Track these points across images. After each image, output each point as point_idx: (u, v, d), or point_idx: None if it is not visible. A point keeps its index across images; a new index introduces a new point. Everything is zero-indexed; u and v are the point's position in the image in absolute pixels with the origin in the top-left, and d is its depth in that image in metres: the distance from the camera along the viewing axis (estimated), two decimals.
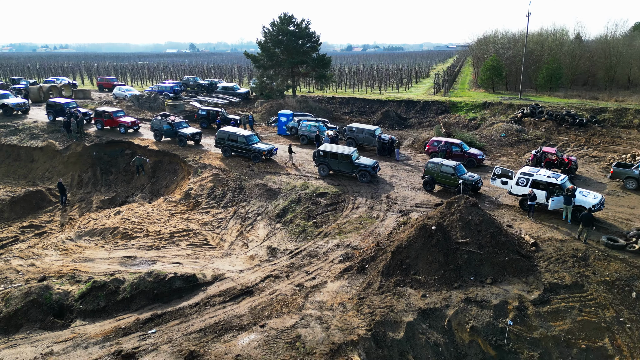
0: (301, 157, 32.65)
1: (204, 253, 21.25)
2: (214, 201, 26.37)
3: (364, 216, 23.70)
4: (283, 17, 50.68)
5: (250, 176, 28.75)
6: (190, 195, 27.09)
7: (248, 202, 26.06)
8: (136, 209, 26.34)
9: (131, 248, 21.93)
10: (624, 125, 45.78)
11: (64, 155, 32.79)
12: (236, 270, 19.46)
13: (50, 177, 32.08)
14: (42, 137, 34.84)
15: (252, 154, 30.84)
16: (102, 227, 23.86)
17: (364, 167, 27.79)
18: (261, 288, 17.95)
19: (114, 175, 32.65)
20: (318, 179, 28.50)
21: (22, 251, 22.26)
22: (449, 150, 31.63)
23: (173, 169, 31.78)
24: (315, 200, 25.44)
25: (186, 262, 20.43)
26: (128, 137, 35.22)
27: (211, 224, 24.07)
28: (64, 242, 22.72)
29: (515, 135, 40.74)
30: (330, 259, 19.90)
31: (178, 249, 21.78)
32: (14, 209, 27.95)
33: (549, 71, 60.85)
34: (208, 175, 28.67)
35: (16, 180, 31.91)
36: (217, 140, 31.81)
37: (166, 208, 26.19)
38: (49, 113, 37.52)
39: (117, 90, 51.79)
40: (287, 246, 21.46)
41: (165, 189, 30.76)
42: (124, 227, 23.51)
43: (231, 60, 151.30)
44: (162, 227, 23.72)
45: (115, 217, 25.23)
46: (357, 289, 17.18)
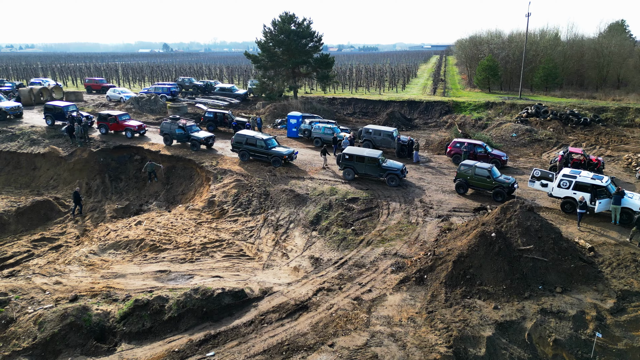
0: (314, 160, 31.71)
1: (243, 265, 20.04)
2: (241, 208, 25.12)
3: (403, 222, 22.87)
4: (284, 16, 49.51)
5: (274, 181, 27.59)
6: (215, 203, 25.76)
7: (276, 209, 24.91)
8: (158, 219, 24.87)
9: (162, 261, 20.54)
10: (626, 124, 46.25)
11: (68, 162, 30.93)
12: (283, 283, 18.35)
13: (56, 186, 30.19)
14: (42, 142, 32.82)
15: (272, 158, 29.67)
16: (127, 239, 22.35)
17: (393, 170, 26.98)
18: (316, 302, 16.90)
19: (124, 182, 30.96)
20: (344, 183, 27.56)
21: (42, 267, 20.59)
22: (472, 152, 31.10)
23: (188, 174, 30.33)
24: (347, 206, 24.49)
25: (226, 275, 19.20)
26: (136, 141, 33.54)
27: (242, 233, 22.84)
28: (87, 256, 21.15)
29: (527, 135, 40.61)
30: (381, 269, 18.98)
31: (214, 261, 20.51)
32: (21, 220, 26.10)
33: (545, 71, 61.36)
34: (230, 181, 27.38)
35: (18, 189, 29.91)
36: (234, 144, 30.49)
37: (190, 217, 24.80)
38: (47, 117, 35.47)
39: (111, 92, 49.67)
40: (330, 256, 20.44)
41: (181, 196, 29.29)
42: (150, 239, 22.06)
43: (211, 61, 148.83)
44: (191, 237, 22.38)
45: (137, 227, 23.73)
46: (422, 302, 16.30)
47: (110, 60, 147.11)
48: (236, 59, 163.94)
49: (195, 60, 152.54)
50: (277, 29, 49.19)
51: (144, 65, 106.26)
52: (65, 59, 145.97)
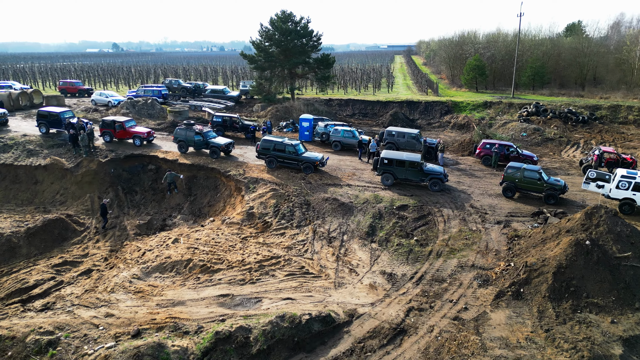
0: (340, 165, 30.35)
1: (311, 284, 18.36)
2: (285, 220, 23.34)
3: (464, 230, 21.85)
4: (282, 15, 47.62)
5: (312, 190, 25.96)
6: (254, 215, 23.83)
7: (323, 220, 23.31)
8: (195, 235, 22.69)
9: (220, 284, 18.55)
10: (620, 122, 47.44)
11: (75, 174, 28.00)
12: (365, 304, 16.87)
13: (64, 201, 27.23)
14: (41, 153, 29.63)
15: (302, 164, 27.98)
16: (170, 259, 20.11)
17: (436, 174, 25.95)
18: (412, 325, 15.54)
19: (139, 194, 28.36)
20: (384, 189, 26.31)
21: (81, 297, 18.10)
22: (503, 153, 30.58)
23: (212, 184, 28.13)
24: (399, 215, 23.23)
25: (298, 297, 17.49)
26: (146, 149, 30.93)
27: (295, 248, 21.11)
28: (131, 281, 18.82)
29: (538, 134, 40.73)
30: (465, 283, 17.84)
31: (277, 280, 18.71)
32: (33, 242, 23.22)
33: (533, 70, 62.43)
34: (265, 190, 25.49)
35: (20, 206, 26.74)
36: (260, 150, 28.56)
37: (231, 231, 22.78)
38: (41, 125, 32.14)
39: (97, 95, 46.14)
40: (402, 270, 19.11)
41: (208, 207, 27.09)
42: (199, 259, 19.95)
43: (170, 61, 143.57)
44: (242, 255, 20.43)
45: (175, 246, 21.49)
46: (530, 319, 15.24)
47: (59, 60, 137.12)
48: (201, 59, 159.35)
49: (153, 60, 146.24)
50: (276, 29, 47.20)
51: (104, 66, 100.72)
52: (12, 60, 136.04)
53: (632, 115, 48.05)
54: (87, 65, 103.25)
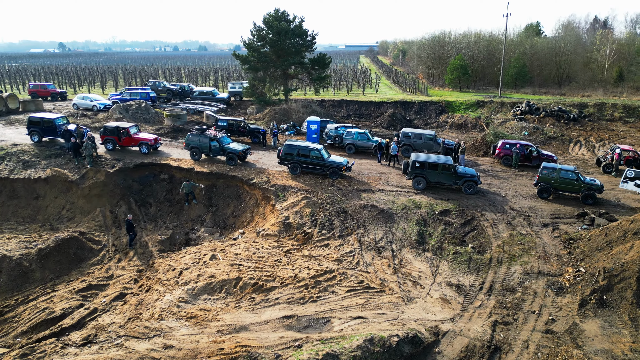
0: (362, 169, 29.41)
1: (378, 300, 17.20)
2: (325, 230, 22.05)
3: (515, 234, 21.29)
4: (275, 13, 45.98)
5: (345, 196, 24.76)
6: (292, 226, 22.39)
7: (365, 229, 22.19)
8: (231, 249, 21.02)
9: (279, 304, 17.09)
10: (607, 119, 48.76)
11: (81, 186, 25.52)
12: (445, 319, 15.90)
13: (72, 217, 24.74)
14: (39, 164, 26.88)
15: (328, 169, 26.72)
16: (214, 278, 18.40)
17: (470, 177, 25.36)
18: (504, 341, 14.72)
19: (154, 207, 26.22)
20: (417, 193, 25.49)
21: (126, 327, 16.16)
22: (523, 153, 30.44)
23: (234, 193, 26.39)
24: (444, 220, 22.44)
25: (369, 315, 16.31)
26: (155, 157, 28.73)
27: (345, 260, 19.88)
28: (179, 306, 17.04)
29: (539, 133, 41.13)
30: (539, 291, 17.21)
31: (339, 297, 17.44)
32: (47, 265, 20.85)
33: (516, 69, 63.63)
34: (297, 199, 24.07)
35: (22, 224, 24.06)
36: (283, 156, 27.07)
37: (271, 244, 21.27)
38: (33, 132, 29.25)
39: (79, 99, 42.88)
40: (467, 280, 18.29)
41: (233, 218, 25.35)
42: (248, 277, 18.36)
43: (126, 61, 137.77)
44: (292, 270, 19.00)
45: (216, 263, 19.78)
46: (626, 328, 14.73)
47: (2, 62, 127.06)
48: (160, 60, 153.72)
49: (108, 61, 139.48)
50: (269, 27, 45.46)
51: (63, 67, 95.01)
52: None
53: (617, 112, 49.48)
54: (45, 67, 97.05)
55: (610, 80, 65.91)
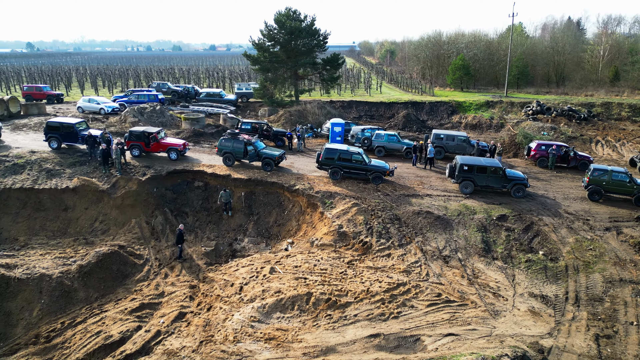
0: (399, 172, 28.58)
1: (463, 314, 16.32)
2: (384, 239, 21.06)
3: (581, 240, 20.73)
4: (287, 12, 44.72)
5: (394, 202, 23.83)
6: (347, 235, 21.33)
7: (424, 236, 21.30)
8: (288, 261, 19.84)
9: (359, 321, 16.04)
10: (615, 118, 49.03)
11: (113, 196, 23.88)
12: (542, 334, 15.16)
13: (106, 230, 23.10)
14: (63, 173, 25.07)
15: (372, 174, 25.74)
16: (282, 294, 17.20)
17: (520, 180, 24.76)
18: (613, 356, 14.10)
19: (191, 217, 24.77)
20: (466, 197, 24.77)
21: (201, 352, 14.85)
22: (559, 155, 30.06)
23: (275, 201, 25.14)
24: (504, 226, 21.76)
25: (460, 331, 15.42)
26: (186, 164, 27.23)
27: (414, 272, 18.94)
28: (253, 326, 15.81)
29: (559, 133, 41.00)
30: (629, 300, 16.67)
31: (421, 312, 16.50)
32: (90, 283, 19.28)
33: (518, 69, 63.83)
34: (347, 206, 23.00)
35: (54, 239, 22.32)
36: (323, 160, 25.97)
37: (329, 255, 20.17)
38: (52, 139, 27.35)
39: (84, 102, 40.73)
40: (549, 291, 17.61)
41: (277, 227, 24.11)
42: (319, 292, 17.24)
43: (101, 61, 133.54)
44: (361, 283, 17.98)
45: (278, 277, 18.57)
46: None
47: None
48: (137, 59, 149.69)
49: (84, 61, 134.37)
50: (280, 27, 44.17)
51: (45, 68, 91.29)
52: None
53: (624, 111, 49.82)
54: (28, 68, 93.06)
55: (605, 80, 66.84)
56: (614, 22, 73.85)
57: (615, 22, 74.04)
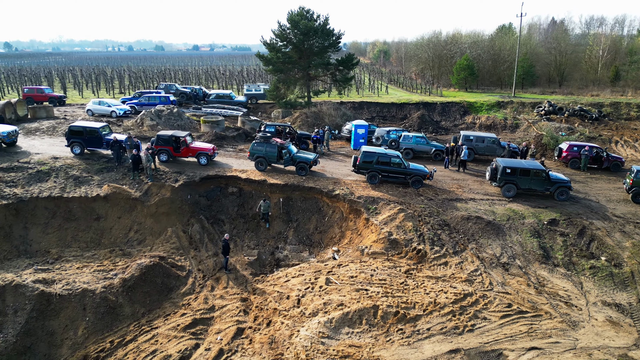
0: (439, 176, 27.86)
1: (541, 326, 15.70)
2: (437, 246, 20.36)
3: (637, 244, 20.36)
4: (300, 11, 43.76)
5: (438, 206, 23.15)
6: (398, 242, 20.56)
7: (477, 243, 20.66)
8: (341, 271, 19.00)
9: (433, 335, 15.31)
10: (625, 118, 49.15)
11: (147, 204, 22.74)
12: (629, 345, 14.61)
13: (142, 240, 21.96)
14: (92, 180, 23.82)
15: (411, 178, 25.04)
16: (345, 307, 16.36)
17: (563, 183, 24.30)
18: None
19: (227, 224, 23.76)
20: (510, 201, 24.23)
21: None
22: (592, 156, 29.74)
23: (313, 207, 24.26)
24: (558, 231, 21.26)
25: (542, 344, 14.82)
26: (218, 169, 26.18)
27: (476, 281, 18.27)
28: (323, 342, 14.95)
29: (578, 133, 40.82)
30: None
31: (495, 325, 15.83)
32: (135, 297, 18.20)
33: (523, 69, 63.85)
34: (393, 212, 22.25)
35: (88, 250, 21.11)
36: (360, 164, 25.18)
37: (384, 265, 19.39)
38: (75, 144, 26.05)
39: (94, 104, 39.23)
40: (622, 298, 17.13)
41: (319, 234, 23.26)
42: (385, 304, 16.45)
43: (86, 61, 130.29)
44: (426, 294, 17.24)
45: (337, 288, 17.73)
46: None
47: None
48: (121, 60, 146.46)
49: (66, 61, 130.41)
50: (294, 26, 43.20)
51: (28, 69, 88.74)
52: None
53: (633, 111, 49.95)
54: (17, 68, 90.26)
55: (605, 80, 67.40)
56: (596, 22, 74.30)
57: (597, 22, 74.51)
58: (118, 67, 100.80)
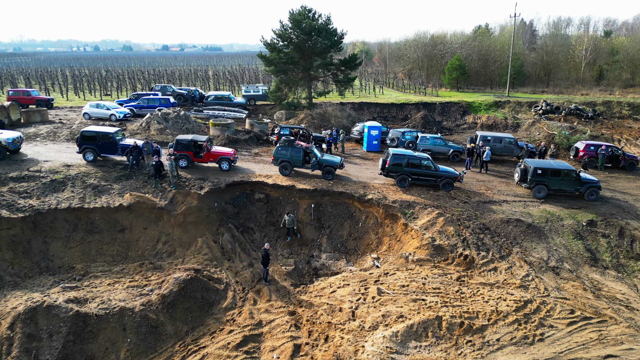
0: (466, 178, 27.48)
1: (610, 332, 15.39)
2: (483, 251, 19.89)
3: None
4: (303, 11, 42.84)
5: (474, 209, 22.73)
6: (443, 248, 20.01)
7: (521, 246, 20.32)
8: (386, 279, 18.31)
9: (505, 346, 14.79)
10: (618, 117, 50.19)
11: (174, 214, 21.49)
12: None
13: (172, 252, 20.71)
14: (111, 188, 22.37)
15: (442, 180, 24.56)
16: (406, 319, 15.67)
17: (593, 183, 24.27)
18: None
19: (257, 232, 22.73)
20: (542, 202, 24.02)
21: None
22: (608, 155, 29.95)
23: (345, 212, 23.48)
24: (599, 232, 21.10)
25: (618, 352, 14.55)
26: (241, 174, 25.08)
27: (530, 287, 17.87)
28: (393, 358, 14.20)
29: (581, 132, 41.27)
30: None
31: (564, 333, 15.46)
32: (176, 315, 17.06)
33: (514, 69, 64.56)
34: (432, 216, 21.68)
35: (114, 264, 19.73)
36: (390, 167, 24.55)
37: (432, 271, 18.80)
38: (88, 150, 24.47)
39: (91, 107, 37.31)
40: None
41: (354, 241, 22.49)
42: (448, 315, 15.83)
43: (53, 62, 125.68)
44: (485, 302, 16.72)
45: (392, 299, 17.02)
46: None
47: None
48: (89, 60, 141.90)
49: (32, 62, 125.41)
50: (296, 26, 42.24)
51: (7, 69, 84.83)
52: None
53: (625, 110, 51.07)
54: None
55: (589, 79, 68.99)
56: (564, 23, 75.85)
57: (564, 23, 76.06)
58: (91, 68, 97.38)
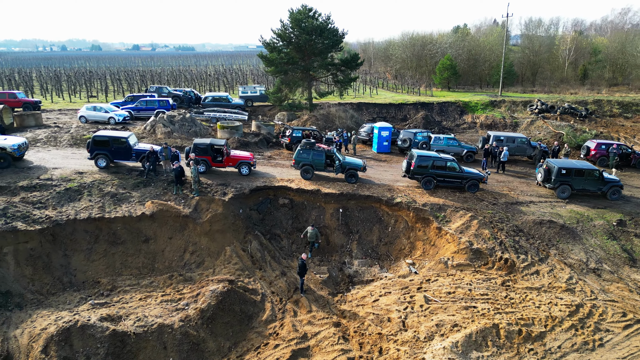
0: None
1: None
2: (521, 254, 19.61)
3: None
4: (303, 10, 42.03)
5: (504, 211, 22.49)
6: (481, 252, 19.65)
7: (557, 248, 20.15)
8: (430, 286, 17.83)
9: (568, 354, 14.55)
10: (609, 115, 51.20)
11: (199, 222, 20.46)
12: None
13: (201, 262, 19.69)
14: (130, 197, 21.14)
15: (467, 182, 24.25)
16: (461, 327, 15.21)
17: (616, 182, 24.37)
18: None
19: (285, 239, 21.91)
20: (567, 202, 24.00)
21: None
22: (619, 153, 30.24)
23: (372, 216, 22.89)
24: (632, 232, 21.15)
25: None
26: (264, 179, 24.19)
27: (576, 290, 17.67)
28: None
29: (581, 131, 41.80)
30: None
31: (622, 337, 15.31)
32: (216, 330, 16.17)
33: (505, 69, 65.24)
34: (466, 219, 21.32)
35: (142, 277, 18.60)
36: (415, 169, 24.08)
37: (474, 276, 18.41)
38: (99, 156, 23.15)
39: (88, 110, 35.58)
40: None
41: (385, 246, 21.92)
42: (505, 323, 15.43)
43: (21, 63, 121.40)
44: (537, 308, 16.41)
45: (442, 307, 16.53)
46: None
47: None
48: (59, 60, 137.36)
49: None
50: (296, 25, 41.41)
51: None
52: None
53: (615, 108, 52.12)
54: None
55: (573, 78, 70.41)
56: (535, 24, 77.20)
57: (535, 24, 77.41)
58: (67, 69, 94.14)
